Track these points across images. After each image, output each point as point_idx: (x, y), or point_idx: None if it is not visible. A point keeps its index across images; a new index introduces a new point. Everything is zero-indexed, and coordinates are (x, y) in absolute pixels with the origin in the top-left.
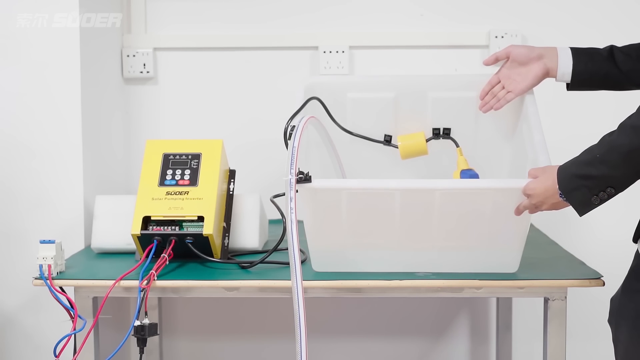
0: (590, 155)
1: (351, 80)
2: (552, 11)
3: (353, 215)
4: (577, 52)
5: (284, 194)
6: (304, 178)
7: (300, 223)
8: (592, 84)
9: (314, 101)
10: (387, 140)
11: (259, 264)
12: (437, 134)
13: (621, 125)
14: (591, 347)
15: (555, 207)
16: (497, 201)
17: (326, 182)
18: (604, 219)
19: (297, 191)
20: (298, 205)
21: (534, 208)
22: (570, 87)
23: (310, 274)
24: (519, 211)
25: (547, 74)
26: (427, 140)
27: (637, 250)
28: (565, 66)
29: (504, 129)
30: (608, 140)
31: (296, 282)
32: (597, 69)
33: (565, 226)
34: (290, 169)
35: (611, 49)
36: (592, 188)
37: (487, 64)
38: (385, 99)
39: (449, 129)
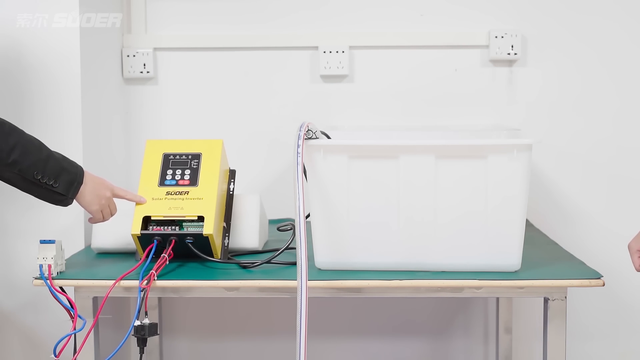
0: None
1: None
2: (552, 11)
3: (356, 182)
4: None
5: (289, 229)
6: (312, 135)
7: (308, 224)
8: None
9: None
10: None
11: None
12: None
13: None
14: (591, 347)
15: None
16: (493, 163)
17: (331, 140)
18: (604, 219)
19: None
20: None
21: None
22: None
23: (311, 274)
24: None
25: None
26: None
27: None
28: None
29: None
30: None
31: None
32: None
33: (565, 226)
34: (300, 128)
35: None
36: None
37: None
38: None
39: None
